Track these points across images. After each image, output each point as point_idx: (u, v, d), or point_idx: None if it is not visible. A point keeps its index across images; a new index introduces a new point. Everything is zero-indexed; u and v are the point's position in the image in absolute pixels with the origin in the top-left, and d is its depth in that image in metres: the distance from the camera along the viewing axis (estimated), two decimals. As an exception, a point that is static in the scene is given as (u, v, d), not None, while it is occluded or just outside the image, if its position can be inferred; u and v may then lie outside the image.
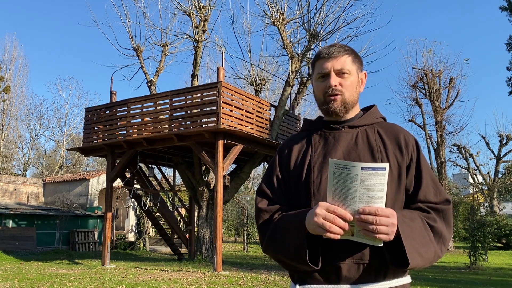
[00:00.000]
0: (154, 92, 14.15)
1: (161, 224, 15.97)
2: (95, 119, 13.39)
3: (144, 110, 12.52)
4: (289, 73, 13.17)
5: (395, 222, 1.25)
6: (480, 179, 23.92)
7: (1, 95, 26.95)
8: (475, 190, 25.55)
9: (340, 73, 1.47)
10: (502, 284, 8.95)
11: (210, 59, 34.50)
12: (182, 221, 18.56)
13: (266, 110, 12.93)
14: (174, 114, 11.96)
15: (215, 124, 10.95)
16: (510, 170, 23.66)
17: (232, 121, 11.50)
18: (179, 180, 20.50)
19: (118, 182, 15.66)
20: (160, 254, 17.43)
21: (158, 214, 16.31)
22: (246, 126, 11.84)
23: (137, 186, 15.45)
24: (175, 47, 15.60)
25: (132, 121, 12.68)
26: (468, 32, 76.30)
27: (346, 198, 1.25)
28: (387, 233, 1.24)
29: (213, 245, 11.04)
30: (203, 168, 14.16)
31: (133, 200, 18.48)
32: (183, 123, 11.77)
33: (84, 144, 13.49)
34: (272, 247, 1.42)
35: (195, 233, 14.68)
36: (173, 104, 11.99)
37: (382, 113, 1.57)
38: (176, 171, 15.56)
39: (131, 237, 20.88)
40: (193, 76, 14.16)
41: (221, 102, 11.07)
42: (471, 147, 29.43)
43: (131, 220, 21.40)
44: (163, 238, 15.82)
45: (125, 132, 12.60)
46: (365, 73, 1.57)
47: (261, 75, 16.41)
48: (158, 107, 12.32)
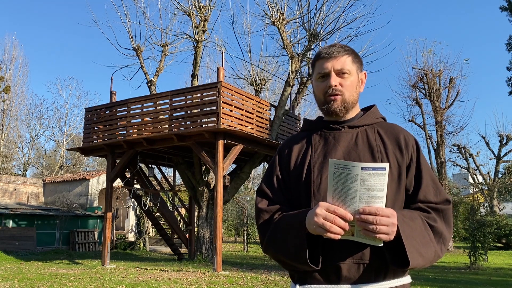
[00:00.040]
0: (154, 92, 14.15)
1: (161, 224, 15.97)
2: (95, 119, 13.40)
3: (144, 110, 12.53)
4: (289, 73, 13.18)
5: (395, 222, 1.26)
6: (480, 179, 23.92)
7: (1, 95, 26.96)
8: (475, 190, 25.55)
9: (340, 73, 1.47)
10: (502, 284, 8.95)
11: (210, 59, 34.55)
12: (182, 221, 18.55)
13: (266, 110, 12.93)
14: (174, 114, 11.96)
15: (215, 124, 10.95)
16: (510, 170, 23.66)
17: (232, 121, 11.51)
18: (179, 180, 20.50)
19: (118, 182, 15.66)
20: (160, 254, 17.43)
21: (158, 214, 16.31)
22: (246, 126, 11.85)
23: (137, 186, 15.45)
24: (175, 47, 15.62)
25: (132, 121, 12.68)
26: (468, 32, 76.38)
27: (346, 198, 1.25)
28: (388, 233, 1.24)
29: (213, 245, 11.04)
30: (203, 168, 14.16)
31: (133, 200, 18.48)
32: (183, 123, 11.77)
33: (84, 144, 13.49)
34: (272, 247, 1.42)
35: (195, 233, 14.68)
36: (173, 104, 11.99)
37: (382, 113, 1.57)
38: (176, 171, 15.56)
39: (131, 237, 20.88)
40: (193, 76, 14.17)
41: (221, 102, 11.07)
42: (471, 147, 29.46)
43: (131, 220, 21.40)
44: (163, 238, 15.82)
45: (125, 132, 12.61)
46: (365, 73, 1.57)
47: (261, 75, 16.41)
48: (158, 107, 12.33)
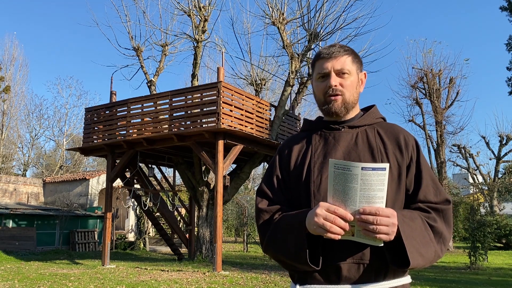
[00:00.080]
0: (154, 92, 14.15)
1: (161, 224, 15.97)
2: (95, 119, 13.40)
3: (144, 110, 12.53)
4: (289, 73, 13.17)
5: (396, 222, 1.26)
6: (480, 179, 23.92)
7: (1, 95, 26.96)
8: (475, 190, 25.55)
9: (340, 73, 1.47)
10: (502, 284, 8.94)
11: (210, 59, 34.55)
12: (182, 221, 18.55)
13: (266, 110, 12.93)
14: (174, 114, 11.96)
15: (215, 124, 10.95)
16: (510, 170, 23.66)
17: (232, 121, 11.51)
18: (179, 180, 20.50)
19: (118, 182, 15.66)
20: (160, 254, 17.43)
21: (158, 214, 16.31)
22: (246, 126, 11.85)
23: (137, 186, 15.45)
24: (175, 47, 15.62)
25: (132, 121, 12.68)
26: (468, 32, 76.38)
27: (347, 198, 1.25)
28: (388, 233, 1.24)
29: (213, 245, 11.04)
30: (203, 168, 14.16)
31: (133, 200, 18.48)
32: (183, 123, 11.77)
33: (84, 144, 13.49)
34: (272, 247, 1.42)
35: (195, 233, 14.68)
36: (173, 104, 11.99)
37: (382, 113, 1.57)
38: (176, 171, 15.56)
39: (131, 237, 20.88)
40: (193, 76, 14.17)
41: (221, 102, 11.07)
42: (471, 147, 29.46)
43: (131, 220, 21.40)
44: (163, 238, 15.82)
45: (125, 132, 12.61)
46: (365, 73, 1.57)
47: (261, 75, 16.41)
48: (158, 107, 12.33)
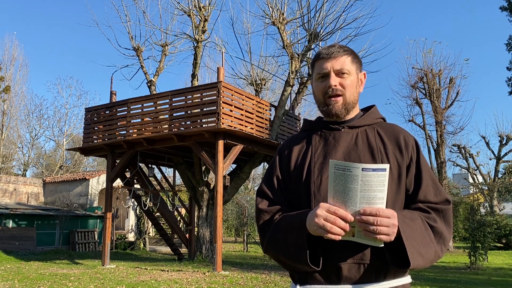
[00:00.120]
0: (154, 92, 14.15)
1: (161, 224, 15.97)
2: (95, 119, 13.40)
3: (144, 110, 12.53)
4: (289, 73, 13.17)
5: (396, 223, 1.26)
6: (480, 179, 23.92)
7: (1, 95, 26.97)
8: (475, 190, 25.55)
9: (340, 73, 1.47)
10: (502, 284, 8.94)
11: (210, 59, 34.54)
12: (182, 221, 18.55)
13: (266, 110, 12.93)
14: (174, 114, 11.96)
15: (215, 124, 10.95)
16: (510, 170, 23.66)
17: (232, 121, 11.50)
18: (179, 180, 20.49)
19: (118, 182, 15.66)
20: (160, 254, 17.43)
21: (158, 214, 16.31)
22: (246, 126, 11.84)
23: (137, 186, 15.45)
24: (175, 47, 15.62)
25: (132, 121, 12.68)
26: (468, 32, 76.39)
27: (347, 199, 1.25)
28: (388, 234, 1.24)
29: (213, 245, 11.04)
30: (203, 168, 14.16)
31: (133, 200, 18.48)
32: (183, 123, 11.77)
33: (84, 144, 13.49)
34: (273, 248, 1.42)
35: (195, 233, 14.68)
36: (173, 104, 11.99)
37: (382, 113, 1.57)
38: (176, 171, 15.56)
39: (131, 237, 20.88)
40: (193, 76, 14.16)
41: (221, 102, 11.07)
42: (471, 147, 29.45)
43: (131, 220, 21.40)
44: (163, 238, 15.82)
45: (125, 132, 12.61)
46: (365, 73, 1.57)
47: (261, 75, 16.41)
48: (158, 107, 12.33)
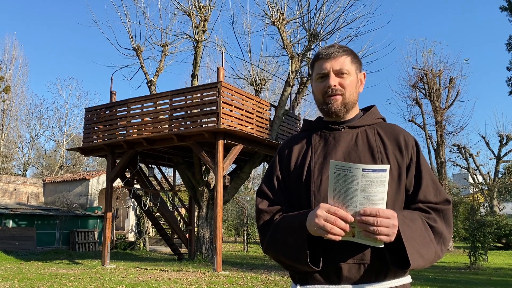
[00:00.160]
0: (154, 92, 14.15)
1: (161, 224, 15.97)
2: (95, 119, 13.40)
3: (144, 110, 12.52)
4: (289, 73, 13.17)
5: (396, 223, 1.26)
6: (480, 179, 23.91)
7: (1, 95, 26.97)
8: (475, 190, 25.55)
9: (339, 73, 1.47)
10: (502, 284, 8.94)
11: (210, 59, 34.54)
12: (182, 221, 18.55)
13: (266, 110, 12.93)
14: (174, 114, 11.96)
15: (215, 124, 10.95)
16: (510, 170, 23.66)
17: (232, 121, 11.50)
18: (179, 180, 20.49)
19: (118, 182, 15.66)
20: (160, 254, 17.43)
21: (158, 214, 16.31)
22: (246, 126, 11.84)
23: (137, 186, 15.44)
24: (175, 47, 15.62)
25: (132, 121, 12.68)
26: (468, 32, 76.38)
27: (347, 200, 1.25)
28: (388, 234, 1.24)
29: (213, 245, 11.04)
30: (203, 168, 14.16)
31: (133, 200, 18.48)
32: (183, 123, 11.77)
33: (84, 144, 13.49)
34: (273, 248, 1.42)
35: (195, 233, 14.68)
36: (173, 104, 11.99)
37: (382, 113, 1.57)
38: (176, 171, 15.56)
39: (131, 237, 20.88)
40: (193, 76, 14.16)
41: (221, 102, 11.07)
42: (471, 147, 29.46)
43: (131, 220, 21.40)
44: (163, 238, 15.82)
45: (125, 132, 12.61)
46: (364, 74, 1.57)
47: (261, 75, 16.41)
48: (158, 107, 12.33)
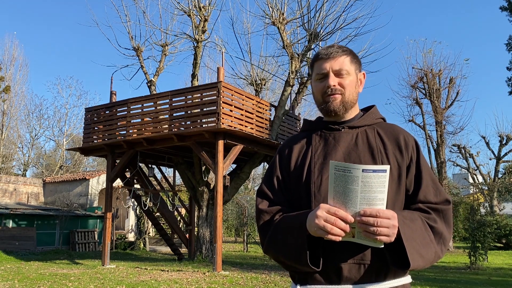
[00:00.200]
0: (154, 92, 14.15)
1: (161, 224, 15.97)
2: (95, 119, 13.40)
3: (144, 110, 12.52)
4: (289, 73, 13.17)
5: (396, 224, 1.26)
6: (480, 179, 23.91)
7: (1, 95, 26.97)
8: (475, 190, 25.55)
9: (339, 73, 1.47)
10: (502, 284, 8.94)
11: (210, 59, 34.54)
12: (182, 221, 18.55)
13: (266, 110, 12.93)
14: (174, 114, 11.96)
15: (215, 124, 10.95)
16: (510, 170, 23.66)
17: (232, 121, 11.50)
18: (179, 180, 20.49)
19: (118, 182, 15.66)
20: (160, 254, 17.43)
21: (158, 214, 16.31)
22: (246, 126, 11.84)
23: (137, 186, 15.44)
24: (175, 47, 15.62)
25: (132, 121, 12.68)
26: (468, 32, 76.38)
27: (347, 200, 1.25)
28: (388, 235, 1.24)
29: (213, 245, 11.04)
30: (203, 168, 14.16)
31: (133, 200, 18.47)
32: (183, 123, 11.77)
33: (84, 144, 13.49)
34: (273, 248, 1.42)
35: (195, 233, 14.68)
36: (173, 104, 11.99)
37: (382, 113, 1.57)
38: (176, 171, 15.56)
39: (131, 237, 20.88)
40: (193, 76, 14.16)
41: (221, 102, 11.07)
42: (471, 147, 29.47)
43: (131, 220, 21.40)
44: (163, 238, 15.82)
45: (125, 132, 12.60)
46: (364, 74, 1.57)
47: (261, 75, 16.41)
48: (158, 107, 12.33)
